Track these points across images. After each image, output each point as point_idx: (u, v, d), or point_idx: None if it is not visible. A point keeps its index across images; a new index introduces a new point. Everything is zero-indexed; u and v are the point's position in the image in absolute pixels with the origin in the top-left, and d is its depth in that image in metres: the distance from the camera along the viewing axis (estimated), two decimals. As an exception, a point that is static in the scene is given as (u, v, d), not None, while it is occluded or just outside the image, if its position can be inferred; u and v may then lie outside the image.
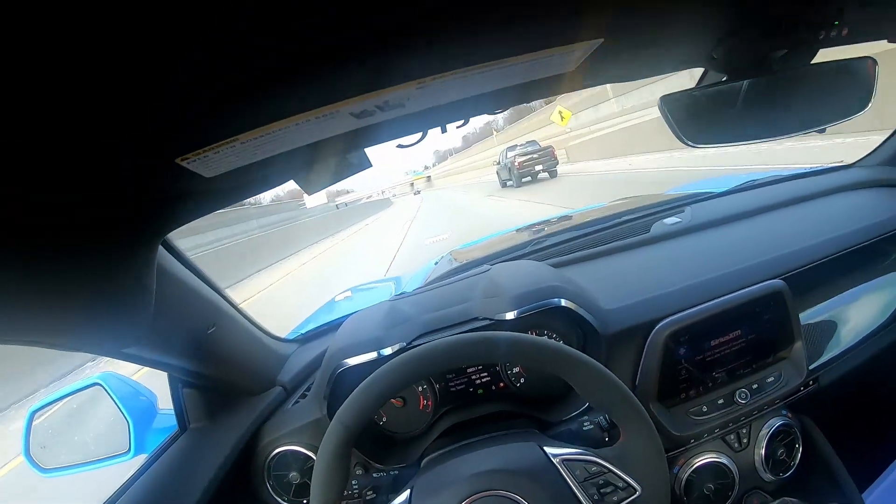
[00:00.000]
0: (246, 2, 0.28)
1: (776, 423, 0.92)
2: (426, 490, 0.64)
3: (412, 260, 7.70)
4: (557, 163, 16.92)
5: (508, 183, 18.28)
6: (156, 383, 0.98)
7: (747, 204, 1.28)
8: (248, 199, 0.69)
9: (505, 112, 0.83)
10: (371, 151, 0.69)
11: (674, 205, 1.38)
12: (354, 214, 34.31)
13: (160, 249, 0.66)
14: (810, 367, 0.94)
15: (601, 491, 0.60)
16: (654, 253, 1.14)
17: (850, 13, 0.66)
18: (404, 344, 0.83)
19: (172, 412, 0.92)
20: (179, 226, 0.62)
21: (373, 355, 0.82)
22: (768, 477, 0.92)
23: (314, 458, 0.83)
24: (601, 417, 0.81)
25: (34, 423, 0.93)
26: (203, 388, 0.86)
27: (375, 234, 17.38)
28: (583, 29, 0.48)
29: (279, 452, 0.85)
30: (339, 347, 0.86)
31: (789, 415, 0.95)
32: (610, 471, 0.61)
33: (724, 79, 0.68)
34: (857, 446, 1.01)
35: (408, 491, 0.64)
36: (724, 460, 0.89)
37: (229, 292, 0.88)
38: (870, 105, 0.73)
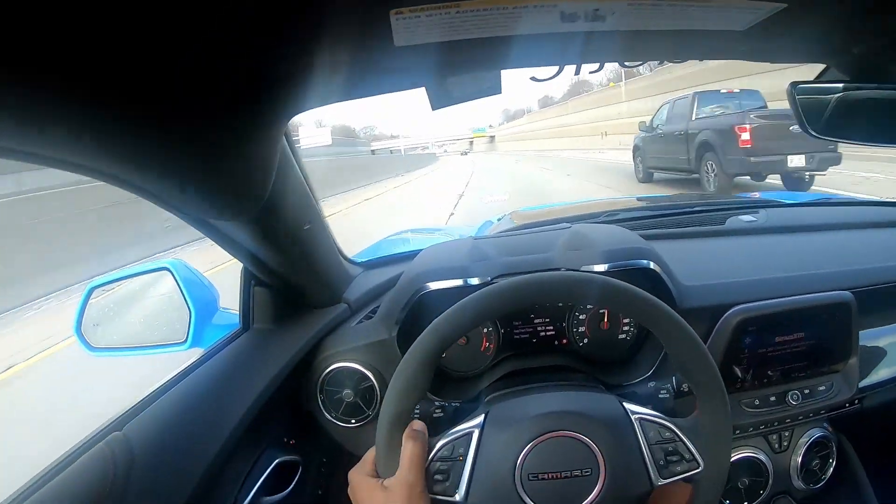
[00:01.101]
0: None
1: (816, 433, 0.94)
2: (501, 419, 0.64)
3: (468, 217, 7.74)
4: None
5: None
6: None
7: (822, 217, 1.29)
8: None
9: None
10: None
11: (749, 204, 1.40)
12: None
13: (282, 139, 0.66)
14: (860, 385, 0.95)
15: (668, 458, 0.60)
16: (729, 244, 1.15)
17: None
18: (488, 279, 0.82)
19: (230, 312, 0.94)
20: (305, 109, 0.59)
21: (458, 282, 0.82)
22: (799, 484, 0.93)
23: (371, 378, 0.85)
24: (669, 386, 0.82)
25: (91, 301, 0.93)
26: (274, 290, 0.87)
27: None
28: None
29: (336, 368, 0.86)
30: (421, 271, 0.85)
31: (829, 428, 0.96)
32: (681, 440, 0.61)
33: (848, 79, 0.70)
34: (887, 472, 1.03)
35: (482, 416, 0.64)
36: (762, 458, 0.91)
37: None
38: None
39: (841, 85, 0.71)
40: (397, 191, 17.36)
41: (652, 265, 0.84)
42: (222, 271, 1.24)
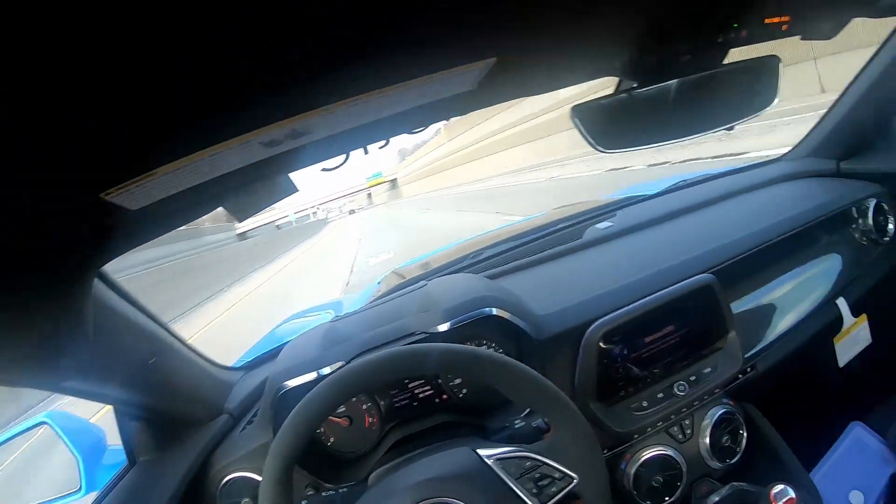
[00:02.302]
0: (150, 39, 0.29)
1: (718, 411, 0.95)
2: (374, 501, 0.65)
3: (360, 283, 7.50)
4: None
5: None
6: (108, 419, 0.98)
7: (677, 204, 1.32)
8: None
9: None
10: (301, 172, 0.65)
11: (606, 210, 1.42)
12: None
13: (96, 282, 0.66)
14: (746, 355, 0.98)
15: (539, 484, 0.62)
16: (588, 257, 1.17)
17: (747, 16, 0.68)
18: (344, 363, 0.83)
19: (120, 448, 0.92)
20: (111, 259, 0.63)
21: (312, 375, 0.83)
22: (715, 464, 0.94)
23: None
24: (538, 421, 0.82)
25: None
26: (149, 420, 0.86)
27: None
28: (474, 50, 0.50)
29: (230, 479, 0.85)
30: (280, 370, 0.86)
31: (731, 403, 0.98)
32: (544, 463, 0.63)
33: (635, 85, 0.69)
34: (800, 427, 1.05)
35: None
36: (669, 452, 0.92)
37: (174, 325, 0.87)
38: (776, 101, 0.75)
39: (626, 92, 0.70)
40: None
41: (495, 311, 0.85)
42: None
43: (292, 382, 0.83)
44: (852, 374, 1.19)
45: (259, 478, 0.83)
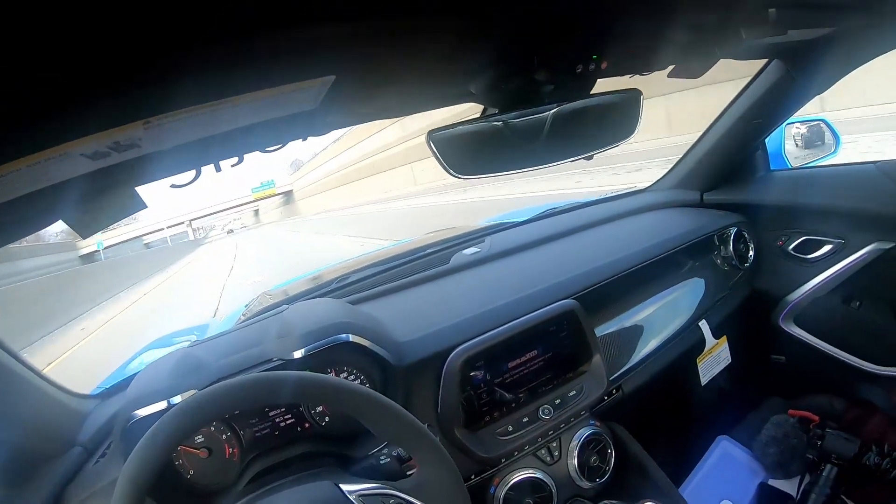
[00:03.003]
0: None
1: (585, 432, 0.96)
2: None
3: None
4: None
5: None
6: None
7: (545, 230, 1.35)
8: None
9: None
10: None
11: (475, 236, 1.42)
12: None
13: None
14: (612, 377, 1.00)
15: None
16: (453, 283, 1.16)
17: (609, 49, 0.70)
18: (196, 391, 0.77)
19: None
20: None
21: (163, 405, 0.77)
22: (585, 484, 0.95)
23: None
24: (399, 450, 0.80)
25: None
26: None
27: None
28: (311, 66, 0.47)
29: None
30: (130, 399, 0.79)
31: (598, 423, 0.99)
32: (407, 501, 0.61)
33: (496, 112, 0.69)
34: (668, 444, 1.09)
35: None
36: (538, 475, 0.91)
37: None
38: (636, 132, 0.77)
39: (476, 121, 0.69)
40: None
41: (351, 338, 0.82)
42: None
43: (142, 412, 0.76)
44: (715, 391, 1.27)
45: None
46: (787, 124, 1.34)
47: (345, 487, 0.63)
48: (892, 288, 1.13)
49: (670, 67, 0.91)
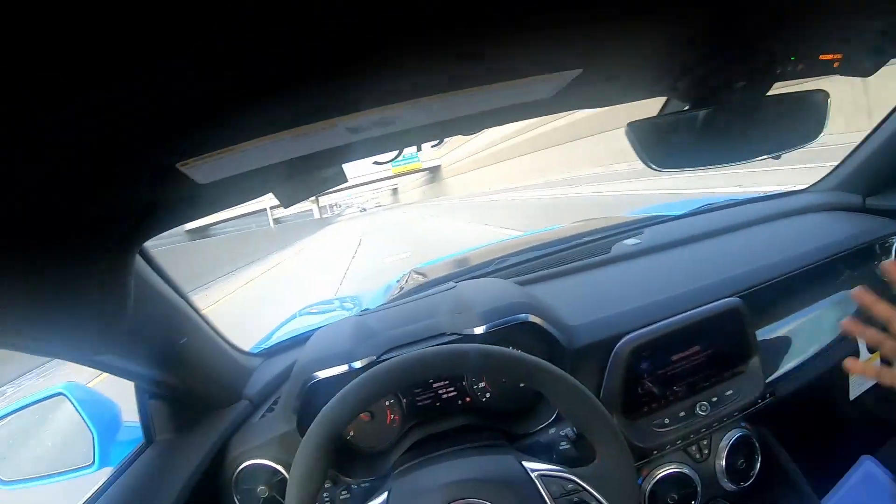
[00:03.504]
0: (245, 7, 0.28)
1: (735, 434, 0.96)
2: (404, 494, 0.65)
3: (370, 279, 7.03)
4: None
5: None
6: (117, 392, 0.97)
7: (704, 226, 1.34)
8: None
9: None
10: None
11: (633, 227, 1.42)
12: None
13: (138, 259, 0.67)
14: (767, 381, 0.98)
15: None
16: (616, 272, 1.17)
17: (805, 51, 0.70)
18: (374, 357, 0.83)
19: (137, 424, 0.91)
20: (160, 232, 0.64)
21: (343, 368, 0.82)
22: (729, 486, 0.95)
23: (282, 471, 0.84)
24: (568, 430, 0.83)
25: (-12, 435, 0.89)
26: (170, 400, 0.86)
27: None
28: (565, 59, 0.50)
29: (247, 466, 0.85)
30: (309, 360, 0.86)
31: (748, 426, 0.98)
32: (585, 489, 0.62)
33: (687, 107, 0.71)
34: (814, 454, 1.05)
35: (385, 494, 0.65)
36: (686, 471, 0.92)
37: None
38: (822, 134, 0.76)
39: (681, 113, 0.72)
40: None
41: (531, 318, 0.86)
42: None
43: (322, 373, 0.82)
44: (862, 408, 1.20)
45: (277, 466, 0.83)
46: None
47: (527, 464, 0.65)
48: None
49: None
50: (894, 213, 1.29)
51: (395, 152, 0.72)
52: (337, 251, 15.84)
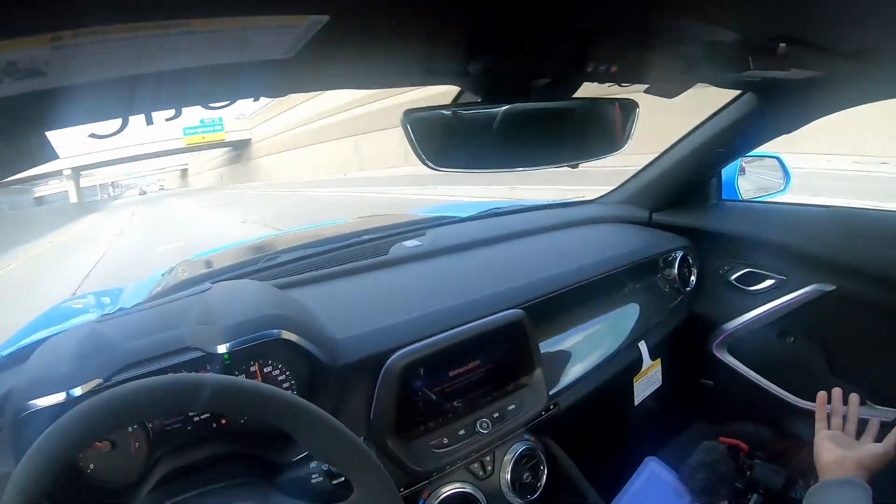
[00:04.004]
0: None
1: (519, 448, 0.94)
2: None
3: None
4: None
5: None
6: None
7: (489, 231, 1.32)
8: None
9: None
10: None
11: (415, 227, 1.36)
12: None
13: None
14: (550, 393, 0.98)
15: None
16: (392, 276, 1.10)
17: (622, 51, 0.64)
18: (101, 381, 0.69)
19: None
20: None
21: (61, 397, 0.67)
22: (516, 500, 0.93)
23: None
24: (324, 467, 0.74)
25: None
26: None
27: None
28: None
29: None
30: (24, 385, 0.70)
31: (532, 438, 0.97)
32: None
33: (479, 100, 0.62)
34: (600, 461, 1.08)
35: None
36: (469, 489, 0.88)
37: None
38: (626, 146, 0.72)
39: (469, 108, 0.62)
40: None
41: (284, 334, 0.75)
42: None
43: (38, 402, 0.66)
44: (646, 411, 1.28)
45: None
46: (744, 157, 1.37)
47: None
48: (828, 329, 1.17)
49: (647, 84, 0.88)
50: (678, 228, 1.40)
51: (120, 120, 0.55)
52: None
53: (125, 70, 0.42)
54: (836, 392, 0.90)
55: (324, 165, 26.08)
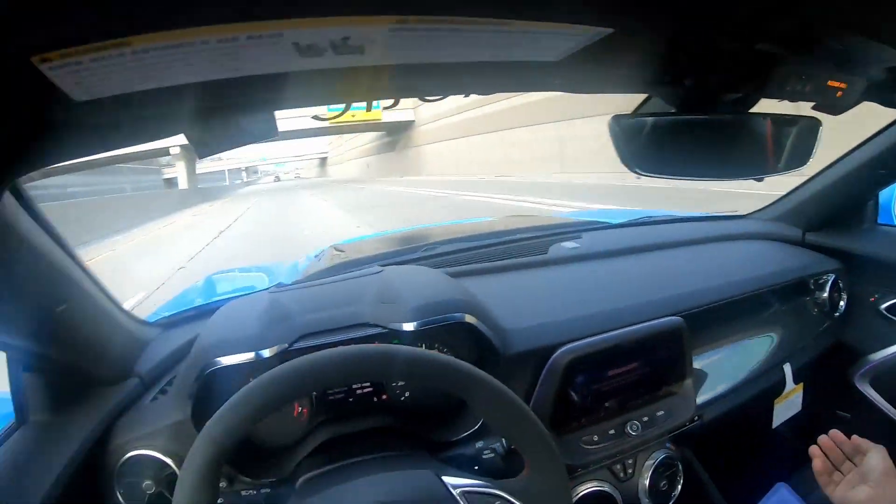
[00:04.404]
0: None
1: (660, 455, 0.95)
2: None
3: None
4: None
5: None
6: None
7: (644, 238, 1.32)
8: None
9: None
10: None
11: (571, 229, 1.39)
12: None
13: (7, 198, 0.53)
14: (698, 404, 0.98)
15: None
16: (553, 275, 1.13)
17: (815, 71, 0.65)
18: (286, 345, 0.74)
19: (8, 398, 0.77)
20: (30, 170, 0.49)
21: (250, 356, 0.72)
22: None
23: (172, 465, 0.73)
24: (498, 443, 0.78)
25: None
26: (49, 373, 0.73)
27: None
28: (596, 13, 0.41)
29: (132, 456, 0.73)
30: (212, 342, 0.75)
31: (672, 447, 0.98)
32: None
33: (673, 111, 0.65)
34: (733, 478, 1.08)
35: None
36: (608, 489, 0.90)
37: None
38: (809, 162, 0.73)
39: (670, 116, 0.65)
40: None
41: (467, 318, 0.79)
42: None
43: (226, 360, 0.72)
44: (782, 437, 1.23)
45: (166, 460, 0.73)
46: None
47: (448, 480, 0.60)
48: None
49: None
50: (832, 251, 1.33)
51: (342, 106, 0.60)
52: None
53: (423, 58, 0.45)
54: (825, 439, 0.86)
55: (519, 161, 20.01)
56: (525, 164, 19.89)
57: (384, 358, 0.57)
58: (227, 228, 12.60)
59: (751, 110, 0.72)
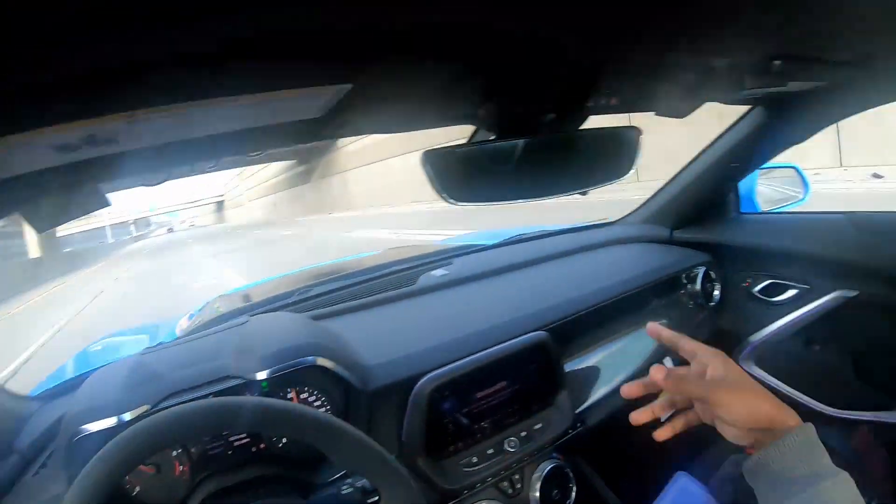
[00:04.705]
0: None
1: (548, 465, 0.96)
2: None
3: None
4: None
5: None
6: None
7: (514, 257, 1.35)
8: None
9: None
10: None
11: (442, 256, 1.41)
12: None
13: None
14: (577, 411, 1.00)
15: None
16: (420, 305, 1.14)
17: (622, 84, 0.68)
18: (148, 407, 0.73)
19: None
20: None
21: (112, 421, 0.71)
22: None
23: None
24: (363, 481, 0.76)
25: None
26: None
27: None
28: (329, 72, 0.44)
29: None
30: (77, 410, 0.74)
31: (560, 457, 0.99)
32: None
33: (493, 137, 0.66)
34: (627, 479, 1.09)
35: None
36: None
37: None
38: (633, 171, 0.76)
39: (481, 144, 0.67)
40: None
41: (319, 360, 0.79)
42: None
43: (91, 426, 0.70)
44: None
45: None
46: (760, 169, 1.39)
47: None
48: (853, 335, 1.17)
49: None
50: (699, 244, 1.41)
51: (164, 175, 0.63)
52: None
53: (182, 135, 0.48)
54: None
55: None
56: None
57: (229, 410, 0.57)
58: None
59: (582, 126, 0.75)
